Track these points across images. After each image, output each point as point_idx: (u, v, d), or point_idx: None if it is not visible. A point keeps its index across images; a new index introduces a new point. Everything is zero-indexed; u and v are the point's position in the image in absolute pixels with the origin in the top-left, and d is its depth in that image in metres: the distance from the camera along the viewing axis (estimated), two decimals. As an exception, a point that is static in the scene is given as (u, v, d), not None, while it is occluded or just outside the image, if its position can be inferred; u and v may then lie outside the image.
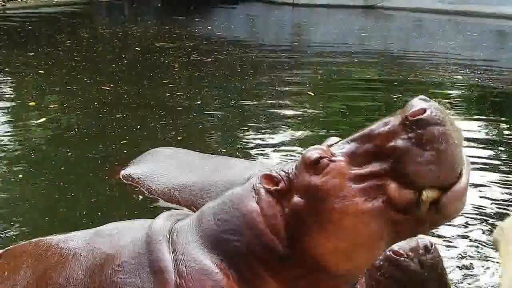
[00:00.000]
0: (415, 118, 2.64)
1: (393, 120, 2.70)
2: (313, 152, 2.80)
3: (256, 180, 3.03)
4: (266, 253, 2.92)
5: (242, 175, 4.72)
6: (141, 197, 5.28)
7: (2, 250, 3.86)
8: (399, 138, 2.66)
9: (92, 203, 5.34)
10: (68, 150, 6.63)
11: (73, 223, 4.92)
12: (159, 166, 5.40)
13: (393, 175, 2.67)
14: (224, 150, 6.65)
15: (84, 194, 5.53)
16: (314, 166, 2.78)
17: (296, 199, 2.83)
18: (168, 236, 3.27)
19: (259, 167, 4.86)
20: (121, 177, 5.59)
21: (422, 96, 2.71)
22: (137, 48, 13.78)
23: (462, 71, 11.64)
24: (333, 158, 2.76)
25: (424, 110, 2.63)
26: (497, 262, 4.34)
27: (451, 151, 2.60)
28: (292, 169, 2.88)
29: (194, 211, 4.78)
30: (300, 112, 8.60)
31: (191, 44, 14.00)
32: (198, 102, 8.82)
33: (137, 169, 5.57)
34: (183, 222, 3.32)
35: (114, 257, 3.33)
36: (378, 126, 2.74)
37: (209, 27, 17.31)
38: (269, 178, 2.92)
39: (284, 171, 2.91)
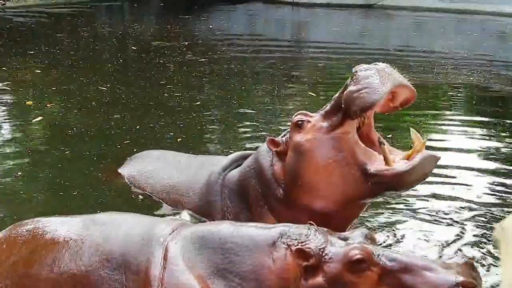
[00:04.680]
0: None
1: (445, 274, 2.77)
2: (358, 252, 2.89)
3: (278, 236, 3.10)
4: None
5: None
6: (140, 196, 5.26)
7: (12, 225, 3.96)
8: None
9: (89, 202, 5.31)
10: (65, 149, 6.61)
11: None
12: (147, 168, 5.41)
13: None
14: (224, 151, 6.61)
15: (80, 193, 5.51)
16: (353, 265, 2.88)
17: (321, 281, 2.94)
18: (163, 241, 3.27)
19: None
20: (113, 178, 5.57)
21: (475, 265, 2.86)
22: (133, 48, 13.76)
23: (462, 71, 11.60)
24: (371, 267, 2.87)
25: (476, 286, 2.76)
26: (497, 262, 4.31)
27: None
28: (330, 253, 2.95)
29: (181, 209, 4.82)
30: (300, 112, 8.54)
31: (186, 43, 13.96)
32: (198, 103, 8.77)
33: (125, 172, 5.58)
34: (184, 233, 3.33)
35: (103, 249, 3.38)
36: (425, 266, 2.83)
37: (211, 26, 17.28)
38: (301, 252, 2.98)
39: (319, 248, 2.98)
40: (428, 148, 3.95)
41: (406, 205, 5.41)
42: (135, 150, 6.13)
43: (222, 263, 3.10)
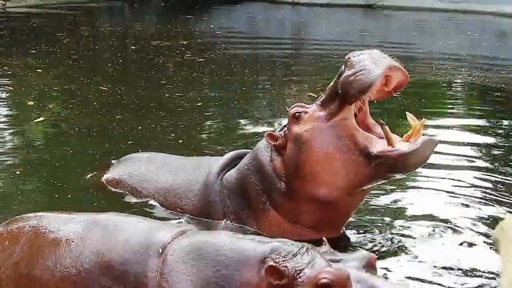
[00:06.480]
0: None
1: None
2: (325, 276, 2.83)
3: (269, 252, 3.05)
4: None
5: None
6: (136, 200, 5.18)
7: (11, 218, 3.96)
8: None
9: (84, 205, 5.24)
10: (66, 150, 6.60)
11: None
12: (138, 171, 5.25)
13: None
14: (225, 151, 6.61)
15: (77, 195, 5.45)
16: None
17: None
18: (162, 252, 3.29)
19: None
20: (103, 182, 5.48)
21: None
22: (133, 47, 13.77)
23: (461, 71, 11.62)
24: None
25: None
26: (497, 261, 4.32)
27: None
28: (304, 276, 2.90)
29: (180, 213, 4.79)
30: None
31: (186, 43, 13.98)
32: (198, 103, 8.77)
33: (113, 175, 5.42)
34: (183, 243, 3.32)
35: (104, 256, 3.39)
36: None
37: (211, 26, 17.32)
38: (274, 270, 2.95)
39: (296, 269, 2.93)
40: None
41: (399, 198, 5.47)
42: (139, 150, 6.07)
43: (214, 276, 3.09)
